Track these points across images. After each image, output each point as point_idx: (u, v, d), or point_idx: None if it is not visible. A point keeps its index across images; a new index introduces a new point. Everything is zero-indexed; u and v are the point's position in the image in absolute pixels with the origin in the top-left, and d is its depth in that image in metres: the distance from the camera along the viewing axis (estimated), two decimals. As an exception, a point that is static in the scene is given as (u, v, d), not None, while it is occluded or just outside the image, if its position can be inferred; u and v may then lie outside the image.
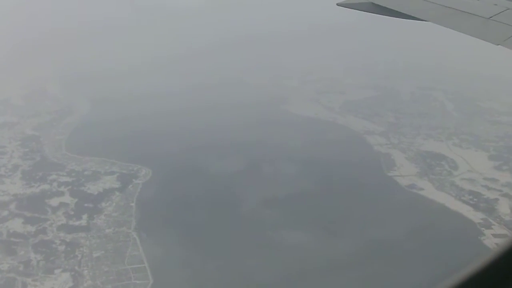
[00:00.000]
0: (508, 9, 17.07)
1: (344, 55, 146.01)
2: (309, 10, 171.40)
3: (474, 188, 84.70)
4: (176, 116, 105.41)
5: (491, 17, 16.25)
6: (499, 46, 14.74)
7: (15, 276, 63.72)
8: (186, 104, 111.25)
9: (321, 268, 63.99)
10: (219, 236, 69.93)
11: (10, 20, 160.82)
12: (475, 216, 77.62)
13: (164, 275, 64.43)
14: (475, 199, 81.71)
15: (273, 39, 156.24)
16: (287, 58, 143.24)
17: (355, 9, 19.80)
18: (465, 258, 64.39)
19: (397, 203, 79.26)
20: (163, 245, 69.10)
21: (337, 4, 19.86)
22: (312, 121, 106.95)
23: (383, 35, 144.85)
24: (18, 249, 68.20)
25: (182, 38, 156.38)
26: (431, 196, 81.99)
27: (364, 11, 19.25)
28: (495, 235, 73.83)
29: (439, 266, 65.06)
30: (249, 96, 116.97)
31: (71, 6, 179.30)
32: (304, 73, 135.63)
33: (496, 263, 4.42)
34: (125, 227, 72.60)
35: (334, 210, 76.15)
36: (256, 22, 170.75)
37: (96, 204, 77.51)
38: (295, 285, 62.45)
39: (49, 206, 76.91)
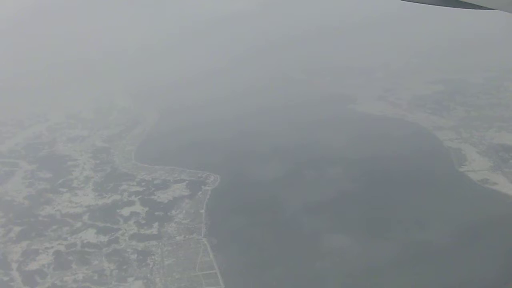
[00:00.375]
0: None
1: (410, 51, 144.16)
2: (371, 5, 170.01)
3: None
4: (243, 119, 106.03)
5: None
6: None
7: (90, 285, 64.87)
8: (252, 106, 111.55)
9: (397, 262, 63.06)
10: (284, 243, 69.70)
11: (79, 34, 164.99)
12: (554, 209, 75.03)
13: (235, 280, 64.62)
14: (552, 191, 78.91)
15: (336, 35, 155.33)
16: (350, 55, 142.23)
17: (419, 2, 19.66)
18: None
19: (470, 198, 77.06)
20: (233, 251, 69.24)
21: None
22: (379, 118, 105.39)
23: (447, 27, 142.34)
24: (91, 259, 69.50)
25: (237, 42, 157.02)
26: (505, 190, 79.47)
27: (428, 4, 19.09)
28: None
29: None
30: (314, 97, 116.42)
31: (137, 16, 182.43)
32: (370, 70, 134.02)
33: None
34: (195, 234, 73.07)
35: (405, 208, 74.72)
36: (316, 18, 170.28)
37: (166, 212, 78.34)
38: None
39: (121, 216, 78.16)
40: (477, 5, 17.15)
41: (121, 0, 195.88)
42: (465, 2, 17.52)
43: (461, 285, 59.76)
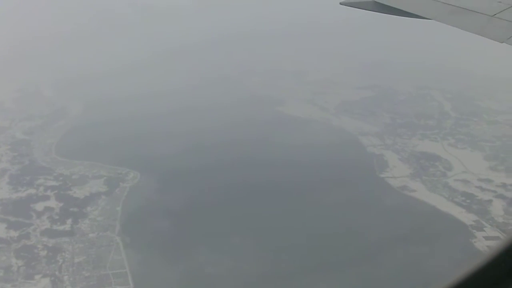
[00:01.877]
0: None
1: (344, 55, 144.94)
2: (311, 9, 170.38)
3: (467, 189, 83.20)
4: (169, 117, 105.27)
5: (495, 14, 15.71)
6: (503, 44, 14.34)
7: (-6, 282, 63.03)
8: (180, 104, 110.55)
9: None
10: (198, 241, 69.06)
11: (3, 22, 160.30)
12: (467, 218, 76.19)
13: (145, 280, 63.58)
14: (468, 201, 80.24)
15: (271, 38, 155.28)
16: (285, 58, 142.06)
17: (358, 7, 19.50)
18: (455, 261, 63.77)
19: (387, 205, 77.92)
20: (146, 250, 68.18)
21: (340, 3, 19.51)
22: (305, 122, 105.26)
23: (385, 34, 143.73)
24: (-1, 254, 67.54)
25: (174, 37, 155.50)
26: (422, 198, 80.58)
27: (367, 9, 18.97)
28: (487, 238, 72.36)
29: (427, 271, 64.28)
30: (243, 97, 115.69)
31: (64, 7, 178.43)
32: (301, 73, 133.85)
33: (487, 266, 4.37)
34: (109, 231, 71.83)
35: (319, 213, 74.84)
36: (255, 20, 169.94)
37: (81, 208, 76.75)
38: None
39: (34, 210, 76.23)
40: (414, 14, 17.30)
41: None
42: (402, 10, 17.62)
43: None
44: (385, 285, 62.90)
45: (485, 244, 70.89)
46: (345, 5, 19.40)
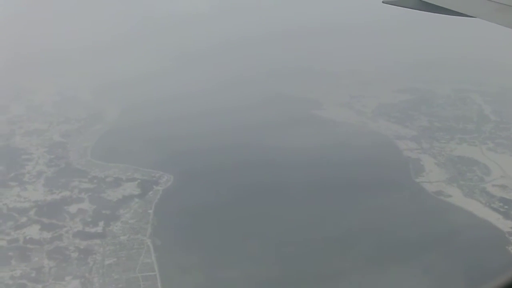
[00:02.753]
0: None
1: (384, 56, 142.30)
2: (354, 8, 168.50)
3: (505, 195, 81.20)
4: (201, 118, 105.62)
5: None
6: None
7: (26, 282, 63.87)
8: (211, 105, 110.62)
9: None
10: (231, 246, 68.77)
11: (43, 26, 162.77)
12: (504, 225, 74.40)
13: (174, 283, 63.66)
14: (505, 207, 78.31)
15: (311, 37, 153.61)
16: (324, 59, 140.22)
17: (401, 6, 19.48)
18: (490, 269, 62.19)
19: (422, 210, 76.57)
20: (177, 253, 68.25)
21: (383, 2, 19.64)
22: (341, 125, 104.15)
23: (427, 33, 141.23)
24: (32, 255, 68.34)
25: (203, 39, 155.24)
26: (458, 203, 78.98)
27: (411, 8, 19.16)
28: (523, 244, 70.62)
29: (461, 279, 63.01)
30: (279, 101, 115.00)
31: (99, 14, 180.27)
32: (338, 75, 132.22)
33: None
34: (140, 234, 72.06)
35: (352, 217, 74.00)
36: (294, 20, 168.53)
37: (114, 211, 77.17)
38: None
39: (68, 212, 76.92)
40: (458, 12, 17.21)
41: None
42: (445, 8, 17.53)
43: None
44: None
45: (521, 252, 69.22)
46: (388, 4, 19.47)
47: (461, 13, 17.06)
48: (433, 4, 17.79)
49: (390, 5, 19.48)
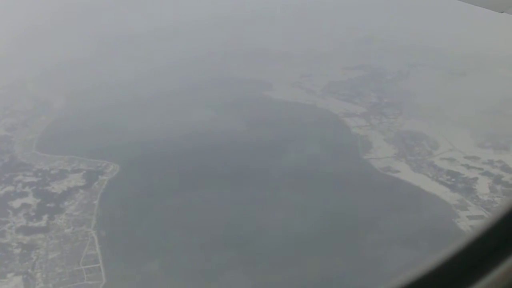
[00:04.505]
0: None
1: (340, 35, 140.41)
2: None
3: (453, 168, 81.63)
4: (151, 103, 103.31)
5: None
6: (503, 13, 14.08)
7: (-34, 282, 62.40)
8: (161, 88, 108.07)
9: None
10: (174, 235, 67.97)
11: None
12: (451, 198, 74.80)
13: (118, 274, 62.83)
14: (453, 180, 78.77)
15: (266, 20, 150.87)
16: (279, 40, 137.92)
17: None
18: (437, 243, 62.41)
19: (369, 186, 76.47)
20: (121, 244, 67.35)
21: None
22: (289, 105, 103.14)
23: (381, 10, 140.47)
24: (-27, 253, 66.89)
25: (159, 17, 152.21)
26: (406, 178, 79.10)
27: None
28: (470, 217, 70.97)
29: (408, 253, 63.07)
30: (229, 82, 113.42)
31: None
32: (292, 55, 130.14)
33: (472, 247, 4.29)
34: (85, 226, 71.06)
35: (297, 195, 73.67)
36: (250, 2, 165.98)
37: (58, 203, 75.82)
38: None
39: (11, 208, 75.54)
40: None
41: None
42: None
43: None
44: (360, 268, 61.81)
45: (468, 224, 69.55)
46: None
47: None
48: None
49: None
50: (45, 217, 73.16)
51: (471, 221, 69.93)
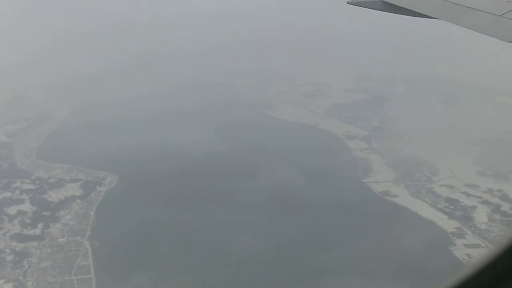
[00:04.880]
0: None
1: (345, 57, 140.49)
2: (318, 9, 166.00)
3: (452, 195, 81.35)
4: (154, 120, 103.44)
5: (503, 14, 15.49)
6: (511, 43, 14.07)
7: (-44, 288, 62.12)
8: (166, 107, 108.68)
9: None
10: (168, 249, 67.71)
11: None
12: (449, 225, 74.42)
13: (110, 286, 62.46)
14: (451, 207, 78.43)
15: (277, 40, 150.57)
16: (286, 62, 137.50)
17: (365, 7, 19.40)
18: (432, 271, 61.91)
19: (366, 210, 75.99)
20: (114, 255, 66.98)
21: (347, 3, 19.43)
22: (292, 125, 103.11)
23: (391, 34, 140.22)
24: (-34, 259, 66.65)
25: (168, 41, 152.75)
26: (404, 204, 78.75)
27: (375, 9, 18.98)
28: (467, 245, 70.52)
29: (402, 282, 62.66)
30: (233, 100, 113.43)
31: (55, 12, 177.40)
32: (295, 76, 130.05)
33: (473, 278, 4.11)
34: (79, 236, 70.80)
35: (295, 219, 73.24)
36: (258, 23, 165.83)
37: (54, 212, 75.61)
38: None
39: (7, 214, 75.42)
40: (422, 14, 17.20)
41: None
42: (409, 10, 17.41)
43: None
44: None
45: (465, 252, 69.06)
46: (352, 5, 19.34)
47: (425, 15, 17.12)
48: (397, 6, 17.72)
49: (354, 6, 19.22)
50: (40, 225, 72.90)
51: (467, 249, 69.60)
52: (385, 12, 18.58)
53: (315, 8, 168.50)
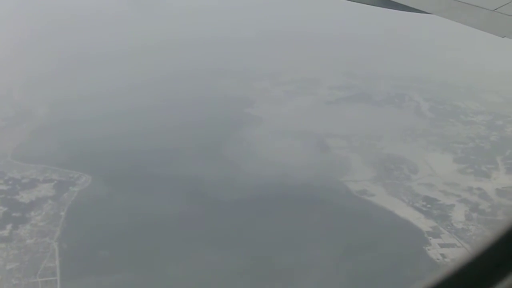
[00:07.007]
0: None
1: (334, 53, 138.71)
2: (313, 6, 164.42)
3: (430, 193, 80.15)
4: (133, 115, 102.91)
5: (496, 9, 15.73)
6: (504, 38, 14.42)
7: None
8: (146, 102, 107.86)
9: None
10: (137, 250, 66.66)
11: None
12: (425, 224, 73.32)
13: (74, 288, 61.60)
14: (428, 206, 77.26)
15: (276, 37, 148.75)
16: (268, 61, 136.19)
17: (359, 2, 19.75)
18: (405, 271, 61.08)
19: (341, 210, 74.74)
20: (82, 257, 65.96)
21: None
22: (271, 123, 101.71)
23: (382, 30, 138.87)
24: None
25: (149, 35, 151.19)
26: (381, 203, 77.57)
27: (369, 4, 19.43)
28: (442, 245, 69.50)
29: (373, 282, 61.79)
30: (213, 98, 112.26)
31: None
32: (279, 73, 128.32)
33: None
34: (48, 237, 69.74)
35: (269, 219, 72.20)
36: (244, 20, 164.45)
37: (24, 213, 74.51)
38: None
39: (-25, 216, 74.18)
40: (414, 8, 17.41)
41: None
42: (403, 4, 17.59)
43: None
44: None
45: (439, 252, 68.07)
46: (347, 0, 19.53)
47: (418, 10, 17.30)
48: (390, 0, 17.91)
49: (349, 1, 19.49)
50: (9, 226, 71.93)
51: (442, 249, 68.67)
52: (377, 7, 19.01)
53: (304, 4, 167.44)
